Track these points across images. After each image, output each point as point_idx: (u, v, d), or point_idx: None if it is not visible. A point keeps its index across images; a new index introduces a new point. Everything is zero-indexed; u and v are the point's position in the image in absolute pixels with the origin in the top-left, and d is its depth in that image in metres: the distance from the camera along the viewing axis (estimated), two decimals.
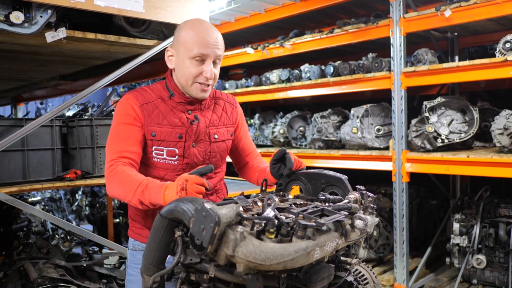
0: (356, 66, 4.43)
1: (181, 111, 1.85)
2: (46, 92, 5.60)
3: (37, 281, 2.95)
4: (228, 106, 2.02)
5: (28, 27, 2.36)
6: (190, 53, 1.76)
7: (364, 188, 1.59)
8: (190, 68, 1.77)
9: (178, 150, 1.82)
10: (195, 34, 1.77)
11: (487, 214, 4.02)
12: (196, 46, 1.75)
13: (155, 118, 1.81)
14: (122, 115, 1.81)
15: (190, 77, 1.79)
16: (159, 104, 1.83)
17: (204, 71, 1.77)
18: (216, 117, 1.94)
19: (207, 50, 1.76)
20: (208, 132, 1.89)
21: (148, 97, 1.83)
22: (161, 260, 1.45)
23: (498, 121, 3.52)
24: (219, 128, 1.94)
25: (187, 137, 1.83)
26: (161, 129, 1.81)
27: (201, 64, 1.77)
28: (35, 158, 2.78)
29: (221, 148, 1.94)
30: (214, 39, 1.78)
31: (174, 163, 1.82)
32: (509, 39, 3.41)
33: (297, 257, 1.21)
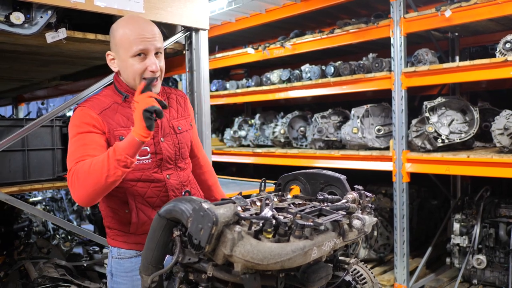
0: (357, 66, 4.43)
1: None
2: (47, 92, 5.62)
3: (37, 281, 2.96)
4: (180, 99, 2.05)
5: (28, 28, 2.37)
6: (130, 51, 1.75)
7: (362, 188, 1.59)
8: (134, 66, 1.76)
9: (149, 148, 1.82)
10: (131, 32, 1.75)
11: (488, 214, 4.02)
12: (134, 44, 1.74)
13: (119, 121, 1.79)
14: (78, 125, 1.73)
15: (136, 75, 1.77)
16: (117, 108, 1.81)
17: (149, 65, 1.76)
18: (173, 110, 1.98)
19: (146, 45, 1.75)
20: (172, 124, 1.92)
21: (103, 104, 1.80)
22: (159, 259, 1.45)
23: (498, 121, 3.52)
24: (180, 120, 1.98)
25: (154, 133, 1.82)
26: (127, 131, 1.77)
27: (144, 59, 1.76)
28: (35, 158, 2.79)
29: (186, 138, 1.97)
30: (150, 33, 1.77)
31: (148, 162, 1.82)
32: (509, 39, 3.41)
33: (295, 257, 1.21)
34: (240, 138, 5.88)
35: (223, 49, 6.42)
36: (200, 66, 3.12)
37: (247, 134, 5.83)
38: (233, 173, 6.70)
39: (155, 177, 1.83)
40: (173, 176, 1.88)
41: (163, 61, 1.84)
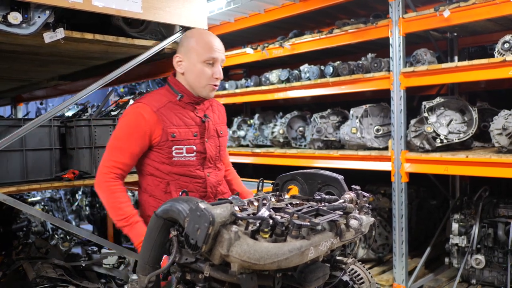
0: (356, 66, 4.43)
1: (190, 110, 2.09)
2: (46, 92, 5.61)
3: (35, 281, 2.95)
4: (220, 108, 2.30)
5: (26, 28, 2.36)
6: (202, 57, 2.01)
7: (360, 188, 1.59)
8: (204, 70, 2.02)
9: (195, 146, 2.05)
10: (206, 41, 2.04)
11: (486, 214, 4.01)
12: (208, 52, 2.02)
13: (172, 120, 2.02)
14: (129, 124, 1.99)
15: (204, 80, 2.04)
16: (171, 107, 2.05)
17: (215, 72, 2.04)
18: (216, 116, 2.21)
19: (216, 54, 2.04)
20: (216, 128, 2.16)
21: (160, 102, 2.04)
22: (156, 259, 1.46)
23: (497, 121, 3.52)
24: (221, 125, 2.23)
25: (201, 134, 2.07)
26: (179, 129, 2.02)
27: (212, 67, 2.04)
28: (33, 158, 2.78)
29: (224, 142, 2.23)
30: (220, 45, 2.08)
31: (193, 159, 2.05)
32: (507, 39, 3.41)
33: (291, 257, 1.21)
34: (239, 138, 5.88)
35: None
36: None
37: (246, 134, 5.83)
38: None
39: (197, 173, 2.07)
40: (212, 175, 2.12)
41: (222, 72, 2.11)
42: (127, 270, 3.54)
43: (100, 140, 2.96)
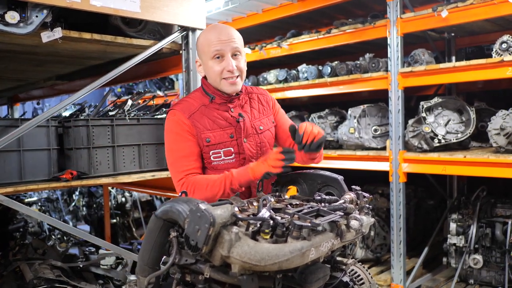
0: (353, 66, 4.43)
1: (224, 111, 2.00)
2: (42, 92, 5.59)
3: (32, 282, 2.94)
4: (261, 97, 2.14)
5: (23, 27, 2.35)
6: (209, 54, 1.93)
7: (360, 189, 1.59)
8: (214, 68, 1.93)
9: (233, 148, 1.97)
10: (209, 36, 1.94)
11: (484, 214, 4.02)
12: (212, 46, 1.91)
13: (206, 125, 1.95)
14: (176, 132, 1.96)
15: (216, 76, 1.94)
16: (204, 111, 1.98)
17: (225, 66, 1.92)
18: (255, 110, 2.08)
19: (222, 46, 1.91)
20: (254, 125, 2.03)
21: (192, 107, 1.98)
22: (156, 261, 1.44)
23: (495, 122, 3.52)
24: (262, 119, 2.08)
25: (237, 135, 1.98)
26: (213, 133, 1.95)
27: (221, 61, 1.92)
28: (30, 159, 2.76)
29: (267, 137, 2.07)
30: (226, 35, 1.93)
31: (232, 161, 1.97)
32: (505, 40, 3.42)
33: (292, 258, 1.20)
34: None
35: None
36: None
37: None
38: None
39: None
40: None
41: (242, 61, 1.98)
42: (125, 270, 3.53)
43: (98, 140, 2.95)
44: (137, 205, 5.70)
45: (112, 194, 5.58)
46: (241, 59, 1.97)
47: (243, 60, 1.99)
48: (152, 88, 7.40)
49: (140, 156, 3.14)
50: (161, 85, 7.40)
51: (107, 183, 3.17)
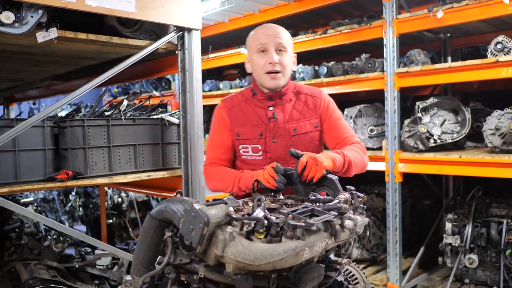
0: (350, 66, 4.44)
1: (261, 108, 2.06)
2: (39, 92, 5.58)
3: (28, 282, 2.93)
4: (310, 99, 2.11)
5: (18, 27, 2.35)
6: (254, 49, 2.03)
7: (354, 189, 1.59)
8: (257, 61, 2.01)
9: (260, 146, 2.02)
10: (256, 32, 2.06)
11: (479, 214, 4.03)
12: (257, 40, 2.02)
13: (240, 119, 2.06)
14: (215, 124, 2.13)
15: (260, 69, 2.01)
16: (243, 106, 2.08)
17: (268, 59, 1.98)
18: (296, 111, 2.07)
19: (266, 40, 1.99)
20: (288, 127, 2.03)
21: (234, 102, 2.11)
22: (151, 260, 1.45)
23: (490, 122, 3.54)
24: (300, 122, 2.06)
25: (267, 134, 2.02)
26: (244, 129, 2.04)
27: (265, 55, 2.00)
28: (26, 159, 2.75)
29: (303, 141, 2.04)
30: (272, 31, 2.02)
31: (259, 158, 2.03)
32: (500, 40, 3.43)
33: (286, 257, 1.21)
34: None
35: (216, 49, 6.40)
36: (192, 66, 3.10)
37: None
38: None
39: None
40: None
41: (287, 58, 2.04)
42: (121, 271, 3.52)
43: (94, 141, 2.94)
44: (134, 205, 5.69)
45: (109, 194, 5.57)
46: (286, 55, 2.02)
47: (289, 57, 2.04)
48: (149, 88, 7.39)
49: (136, 156, 3.14)
50: (158, 85, 7.39)
51: (102, 183, 3.17)
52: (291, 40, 2.09)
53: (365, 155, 2.07)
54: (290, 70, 2.08)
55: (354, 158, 1.96)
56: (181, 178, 3.18)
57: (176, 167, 3.33)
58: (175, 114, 3.39)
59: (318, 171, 1.71)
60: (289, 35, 2.08)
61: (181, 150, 3.19)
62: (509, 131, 3.37)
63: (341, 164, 1.88)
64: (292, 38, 5.03)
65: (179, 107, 3.19)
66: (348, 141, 2.09)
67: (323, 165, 1.74)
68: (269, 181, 1.74)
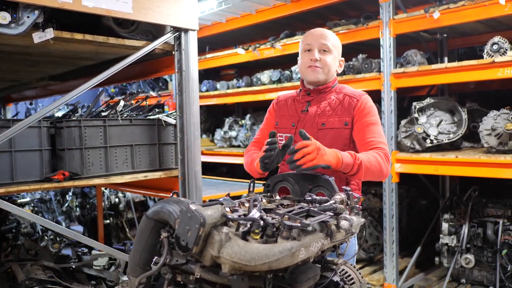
0: (347, 67, 4.45)
1: (301, 103, 2.21)
2: (35, 92, 5.57)
3: (24, 283, 2.93)
4: (348, 99, 2.15)
5: (15, 28, 2.34)
6: (302, 48, 2.20)
7: (350, 189, 1.59)
8: (303, 59, 2.18)
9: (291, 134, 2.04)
10: (306, 34, 2.23)
11: (476, 214, 4.05)
12: (305, 41, 2.19)
13: (282, 111, 2.26)
14: (267, 112, 2.37)
15: (304, 65, 2.17)
16: (289, 101, 2.27)
17: (311, 56, 2.13)
18: (329, 107, 2.14)
19: (310, 41, 2.16)
20: (317, 120, 2.12)
21: (286, 96, 2.31)
22: (147, 261, 1.45)
23: (486, 122, 3.55)
24: (330, 118, 2.12)
25: (298, 125, 2.15)
26: (281, 120, 2.25)
27: (310, 53, 2.14)
28: (22, 159, 2.75)
29: (329, 135, 2.08)
30: (318, 33, 2.17)
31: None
32: (496, 41, 3.45)
33: (282, 258, 1.21)
34: (231, 138, 5.88)
35: (214, 50, 6.41)
36: (189, 67, 3.11)
37: (238, 135, 5.82)
38: (224, 174, 6.69)
39: None
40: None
41: (330, 58, 2.14)
42: (118, 271, 3.52)
43: (90, 141, 2.94)
44: (131, 205, 5.68)
45: (106, 194, 5.56)
46: (328, 55, 2.13)
47: (332, 57, 2.14)
48: (146, 88, 7.38)
49: (133, 156, 3.14)
50: (155, 86, 7.39)
51: (99, 184, 3.16)
52: (339, 44, 2.21)
53: (386, 163, 2.00)
54: (334, 70, 2.19)
55: (368, 163, 1.91)
56: (178, 179, 3.18)
57: (172, 167, 3.33)
58: (172, 114, 3.39)
59: (316, 159, 1.70)
60: (336, 39, 2.20)
61: (177, 151, 3.19)
62: (505, 132, 3.38)
63: (349, 166, 1.84)
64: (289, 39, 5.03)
65: (175, 108, 3.19)
66: (372, 145, 2.04)
67: (323, 158, 1.73)
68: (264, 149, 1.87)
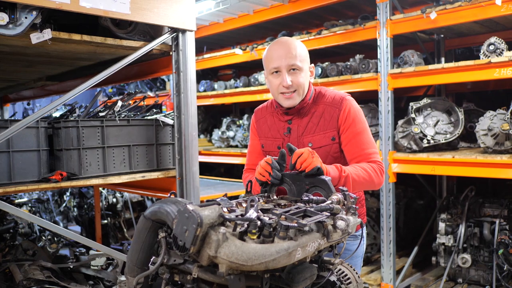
0: (344, 67, 4.47)
1: (282, 121, 2.11)
2: (33, 92, 5.57)
3: (22, 283, 2.93)
4: (329, 110, 2.05)
5: (12, 28, 2.35)
6: (268, 69, 2.04)
7: (347, 189, 1.60)
8: (272, 83, 2.03)
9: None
10: (268, 53, 2.04)
11: (472, 213, 4.07)
12: (270, 62, 2.01)
13: (264, 131, 2.16)
14: (250, 132, 2.27)
15: (274, 89, 2.04)
16: (268, 118, 2.17)
17: (281, 81, 1.98)
18: (313, 124, 2.05)
19: (278, 63, 1.98)
20: (302, 141, 2.05)
21: (263, 112, 2.20)
22: (144, 261, 1.45)
23: (482, 122, 3.57)
24: (315, 136, 2.04)
25: (283, 147, 2.05)
26: (267, 141, 2.15)
27: (279, 76, 2.00)
28: (20, 160, 2.75)
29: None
30: (284, 51, 1.97)
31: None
32: (492, 42, 3.46)
33: (279, 258, 1.22)
34: (228, 138, 5.88)
35: (211, 50, 6.41)
36: (187, 67, 3.11)
37: (235, 135, 5.83)
38: (222, 174, 6.70)
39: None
40: None
41: (300, 76, 1.99)
42: (115, 271, 3.52)
43: (88, 141, 2.94)
44: (128, 205, 5.68)
45: (103, 194, 5.56)
46: (299, 74, 1.99)
47: (303, 75, 2.00)
48: (144, 88, 7.38)
49: (130, 157, 3.14)
50: (153, 86, 7.39)
51: (97, 184, 3.16)
52: (306, 54, 2.04)
53: (379, 175, 1.98)
54: (307, 85, 2.04)
55: (357, 177, 1.89)
56: (176, 179, 3.19)
57: (170, 167, 3.33)
58: (170, 114, 3.40)
59: (313, 162, 1.72)
60: (303, 50, 2.02)
61: (175, 151, 3.19)
62: (502, 132, 3.40)
63: (335, 179, 1.83)
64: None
65: (173, 108, 3.20)
66: (364, 158, 2.01)
67: (318, 159, 1.75)
68: (264, 174, 1.78)
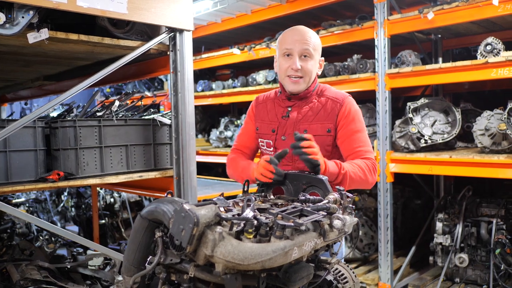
0: (341, 67, 4.47)
1: (282, 106, 2.14)
2: (30, 92, 5.56)
3: (19, 283, 2.93)
4: (330, 103, 2.07)
5: (9, 28, 2.34)
6: (280, 51, 2.07)
7: (344, 189, 1.61)
8: (282, 64, 2.06)
9: (272, 142, 2.12)
10: (284, 35, 2.08)
11: (470, 213, 4.07)
12: (284, 44, 2.04)
13: (262, 115, 2.19)
14: (247, 114, 2.30)
15: (282, 72, 2.06)
16: (268, 103, 2.19)
17: (291, 64, 2.02)
18: (312, 113, 2.07)
19: (292, 45, 2.01)
20: (298, 127, 2.06)
21: (264, 98, 2.23)
22: (141, 261, 1.46)
23: (480, 122, 3.58)
24: (312, 124, 2.06)
25: (278, 131, 2.10)
26: (262, 124, 2.17)
27: (290, 59, 2.03)
28: (17, 160, 2.75)
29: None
30: (300, 36, 2.02)
31: (271, 153, 2.11)
32: (489, 42, 3.47)
33: (275, 257, 1.22)
34: (226, 138, 5.88)
35: (209, 50, 6.41)
36: (184, 67, 3.11)
37: (233, 135, 5.83)
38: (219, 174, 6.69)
39: None
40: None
41: (310, 64, 2.04)
42: (113, 271, 3.52)
43: (85, 141, 2.94)
44: (126, 205, 5.68)
45: (101, 194, 5.56)
46: (309, 61, 2.03)
47: (313, 63, 2.04)
48: (141, 88, 7.38)
49: (128, 156, 3.14)
50: (151, 85, 7.38)
51: (94, 184, 3.16)
52: (319, 45, 2.07)
53: (373, 173, 1.99)
54: (315, 74, 2.08)
55: (353, 174, 1.90)
56: (173, 179, 3.19)
57: (168, 167, 3.33)
58: (167, 114, 3.40)
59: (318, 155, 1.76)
60: (317, 40, 2.06)
61: (173, 151, 3.19)
62: (499, 132, 3.41)
63: (333, 175, 1.85)
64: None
65: (171, 108, 3.20)
66: (359, 155, 2.02)
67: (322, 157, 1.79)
68: (266, 175, 1.78)
